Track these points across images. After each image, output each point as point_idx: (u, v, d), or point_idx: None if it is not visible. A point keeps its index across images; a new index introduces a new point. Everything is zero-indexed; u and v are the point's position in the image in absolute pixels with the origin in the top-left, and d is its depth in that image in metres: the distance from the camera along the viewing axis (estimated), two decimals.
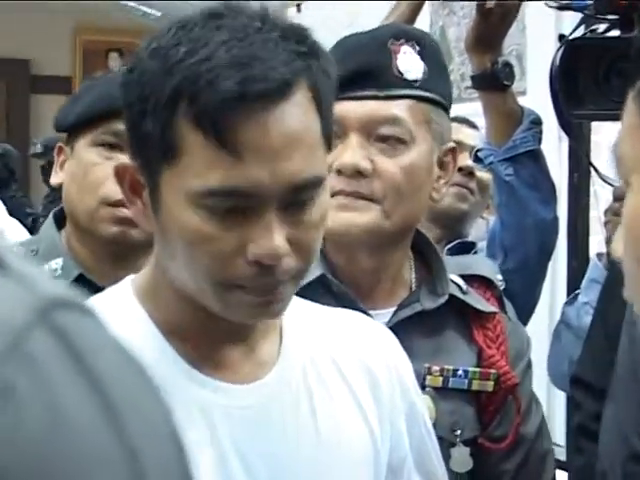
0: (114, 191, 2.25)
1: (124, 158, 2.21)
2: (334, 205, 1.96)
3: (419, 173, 2.03)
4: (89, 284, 2.28)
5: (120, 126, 2.28)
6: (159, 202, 1.53)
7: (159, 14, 9.07)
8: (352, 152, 2.00)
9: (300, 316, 1.71)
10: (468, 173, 3.17)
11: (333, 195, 1.95)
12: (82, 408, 0.65)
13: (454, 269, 2.15)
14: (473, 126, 3.35)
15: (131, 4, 9.43)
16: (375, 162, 2.00)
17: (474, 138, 3.24)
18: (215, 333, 1.61)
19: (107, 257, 2.40)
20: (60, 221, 2.49)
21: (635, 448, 1.99)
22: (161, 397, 0.73)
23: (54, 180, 2.52)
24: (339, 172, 1.99)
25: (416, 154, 2.01)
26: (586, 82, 2.36)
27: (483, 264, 2.42)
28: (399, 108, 2.01)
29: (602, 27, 2.35)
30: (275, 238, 1.48)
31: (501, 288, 2.32)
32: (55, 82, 9.76)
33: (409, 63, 2.02)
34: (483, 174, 3.20)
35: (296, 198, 1.50)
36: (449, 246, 3.10)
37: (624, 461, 2.24)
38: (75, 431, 0.64)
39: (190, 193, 1.48)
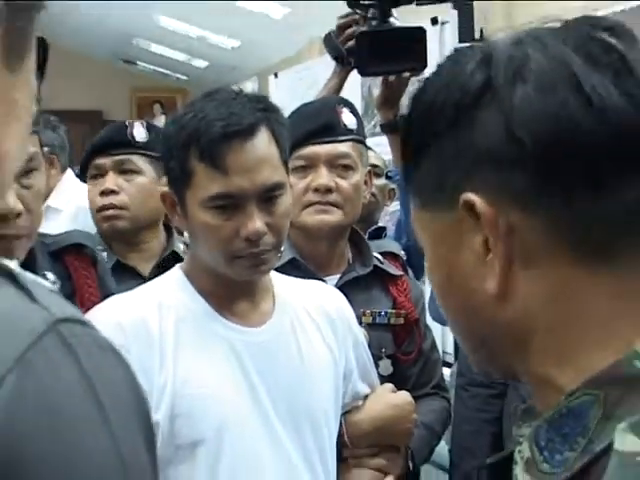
0: (97, 202, 2.42)
1: (104, 181, 2.40)
2: (312, 211, 2.04)
3: (360, 188, 2.08)
4: (125, 267, 2.34)
5: (99, 160, 2.42)
6: (186, 212, 1.60)
7: (185, 78, 9.18)
8: (324, 177, 2.02)
9: (284, 285, 1.75)
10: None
11: (311, 205, 2.04)
12: (72, 382, 0.64)
13: (374, 248, 2.20)
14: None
15: (166, 71, 9.55)
16: (337, 182, 2.04)
17: (375, 159, 3.18)
18: (233, 293, 1.64)
19: (121, 243, 2.40)
20: None
21: None
22: (130, 371, 0.72)
23: None
24: (316, 190, 2.03)
25: (358, 176, 2.07)
26: None
27: (392, 244, 2.45)
28: (349, 147, 2.05)
29: None
30: (256, 223, 1.54)
31: (404, 259, 2.36)
32: None
33: (349, 119, 2.06)
34: (385, 182, 3.24)
35: (267, 196, 1.57)
36: (369, 230, 3.08)
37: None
38: (64, 394, 0.64)
39: (201, 200, 1.56)
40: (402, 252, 2.39)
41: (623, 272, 0.74)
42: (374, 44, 2.25)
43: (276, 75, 7.00)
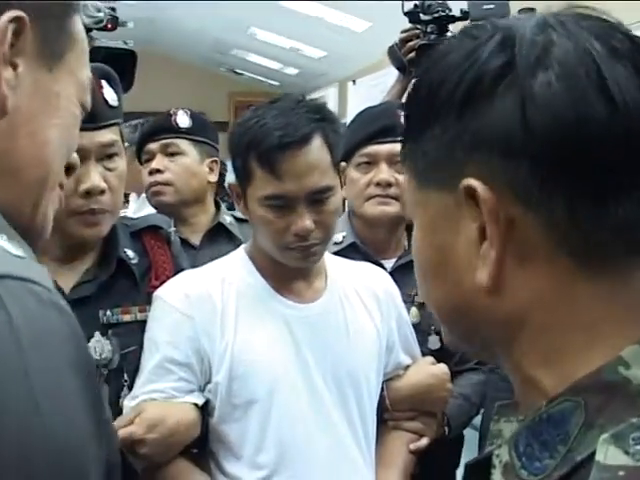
0: (146, 181, 2.50)
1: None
2: (374, 202, 2.06)
3: None
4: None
5: (149, 146, 2.50)
6: (247, 204, 1.63)
7: (277, 84, 9.31)
8: (385, 173, 2.06)
9: (336, 266, 1.77)
10: None
11: (373, 197, 2.06)
12: (3, 332, 0.63)
13: None
14: None
15: (261, 78, 9.67)
16: (396, 177, 2.06)
17: None
18: (289, 274, 1.67)
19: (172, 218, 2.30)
20: None
21: None
22: (73, 326, 0.69)
23: None
24: (377, 184, 2.06)
25: None
26: None
27: None
28: None
29: None
30: (305, 221, 1.56)
31: None
32: (218, 125, 9.67)
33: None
34: None
35: (317, 198, 1.58)
36: None
37: None
38: None
39: (258, 198, 1.59)
40: None
41: (618, 282, 0.66)
42: None
43: (354, 82, 7.06)
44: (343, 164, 1.71)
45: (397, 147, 2.04)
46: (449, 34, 2.48)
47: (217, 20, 7.46)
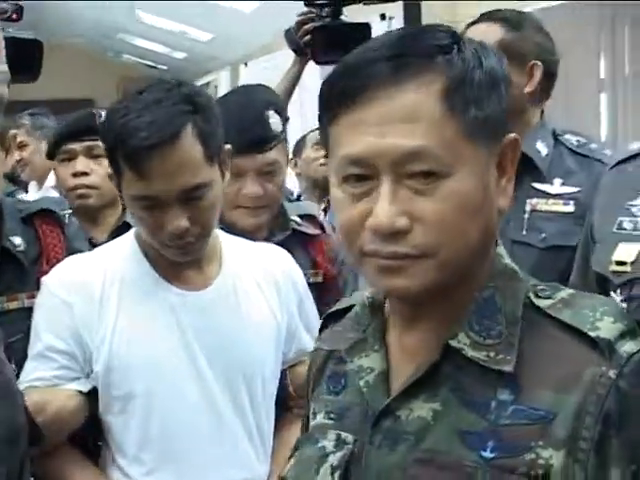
0: (69, 182, 2.51)
1: (75, 163, 2.47)
2: (243, 213, 1.95)
3: (284, 183, 2.04)
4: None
5: (69, 145, 2.48)
6: (125, 200, 1.58)
7: (166, 68, 9.20)
8: (253, 186, 1.94)
9: (234, 249, 1.70)
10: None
11: (241, 207, 1.95)
12: None
13: (293, 212, 2.13)
14: None
15: (149, 63, 9.50)
16: (264, 187, 1.95)
17: None
18: (177, 261, 1.60)
19: (85, 218, 2.41)
20: None
21: None
22: None
23: None
24: (246, 195, 1.95)
25: (283, 174, 2.01)
26: None
27: (310, 206, 2.37)
28: (275, 153, 1.96)
29: None
30: (178, 221, 1.50)
31: (321, 219, 2.29)
32: None
33: (275, 123, 1.96)
34: None
35: (191, 195, 1.50)
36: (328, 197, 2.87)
37: None
38: None
39: (128, 197, 1.54)
40: (321, 213, 2.37)
41: None
42: (327, 37, 2.41)
43: (246, 64, 7.04)
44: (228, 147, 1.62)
45: (266, 157, 1.94)
46: (343, 17, 2.51)
47: (102, 4, 7.28)
